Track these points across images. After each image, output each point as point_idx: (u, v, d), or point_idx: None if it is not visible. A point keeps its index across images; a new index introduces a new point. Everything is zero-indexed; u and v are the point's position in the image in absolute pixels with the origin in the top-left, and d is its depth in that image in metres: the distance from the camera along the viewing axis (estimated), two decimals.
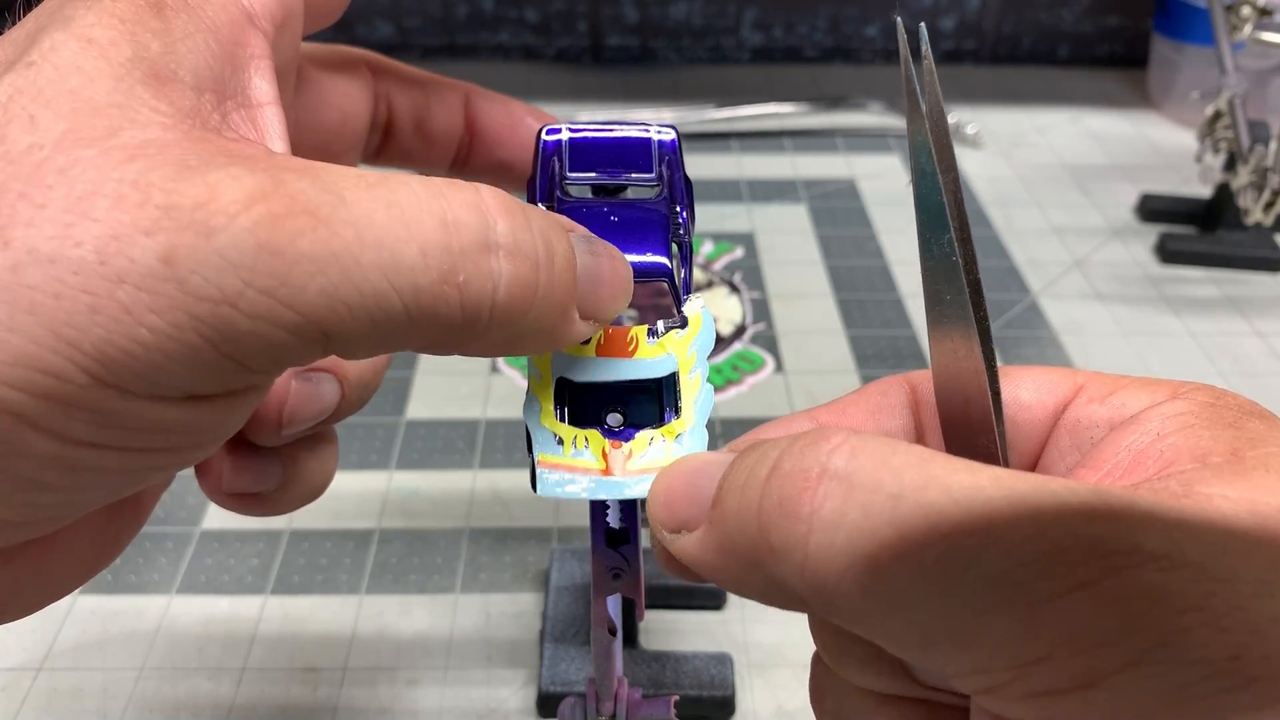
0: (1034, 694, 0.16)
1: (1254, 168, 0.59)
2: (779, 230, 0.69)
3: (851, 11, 0.91)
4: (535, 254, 0.20)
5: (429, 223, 0.19)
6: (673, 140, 0.25)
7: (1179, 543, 0.16)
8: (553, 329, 0.21)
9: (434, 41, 0.91)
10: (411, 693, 0.39)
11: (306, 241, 0.17)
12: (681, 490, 0.20)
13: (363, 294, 0.18)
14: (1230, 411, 0.20)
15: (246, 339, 0.17)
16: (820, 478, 0.18)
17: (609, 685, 0.29)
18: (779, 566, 0.18)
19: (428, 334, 0.19)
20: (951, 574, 0.16)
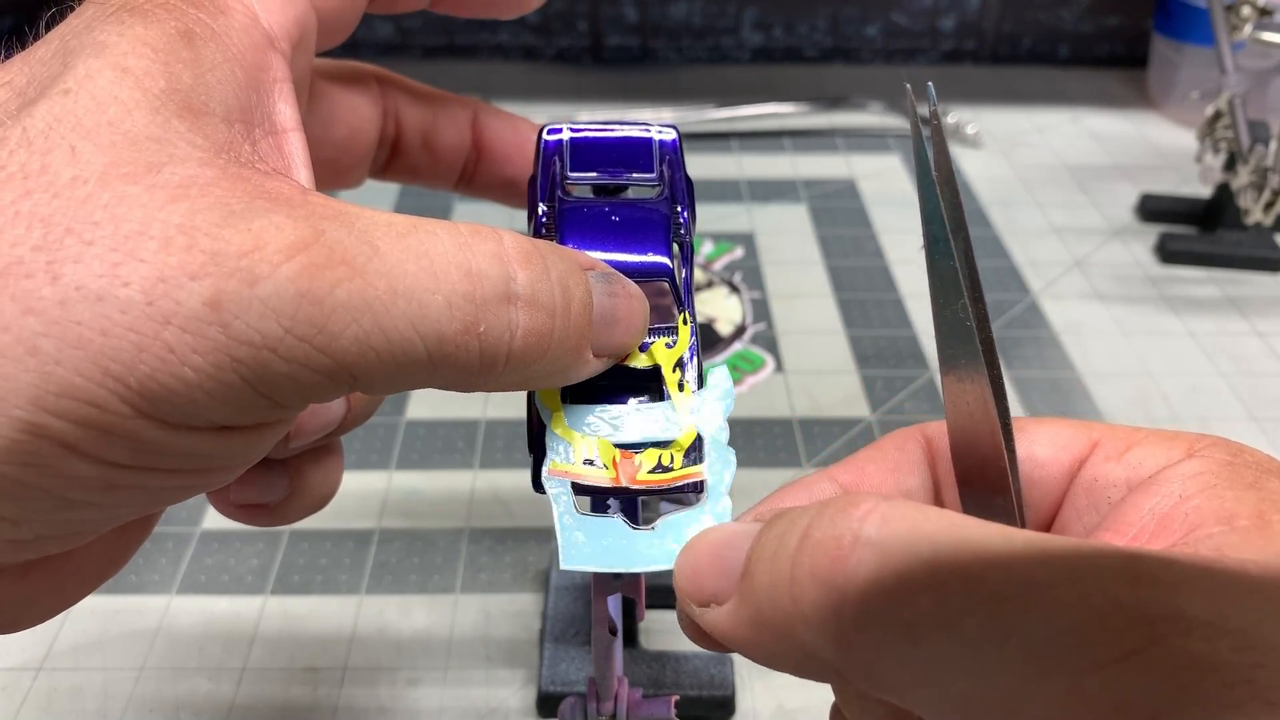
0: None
1: (1254, 168, 0.59)
2: (779, 230, 0.69)
3: (851, 11, 0.91)
4: (553, 303, 0.21)
5: (455, 274, 0.19)
6: (674, 140, 0.25)
7: (1221, 608, 0.16)
8: (566, 369, 0.22)
9: (434, 41, 0.91)
10: (411, 692, 0.39)
11: (344, 291, 0.18)
12: (708, 563, 0.20)
13: (390, 341, 0.19)
14: (1250, 470, 0.20)
15: (282, 381, 0.18)
16: (853, 545, 0.17)
17: (609, 685, 0.29)
18: (813, 637, 0.18)
19: (446, 377, 0.20)
20: (993, 642, 0.16)
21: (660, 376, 0.24)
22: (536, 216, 0.25)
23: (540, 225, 0.24)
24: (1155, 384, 0.55)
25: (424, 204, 0.71)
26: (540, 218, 0.25)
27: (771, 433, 0.51)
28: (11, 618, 0.22)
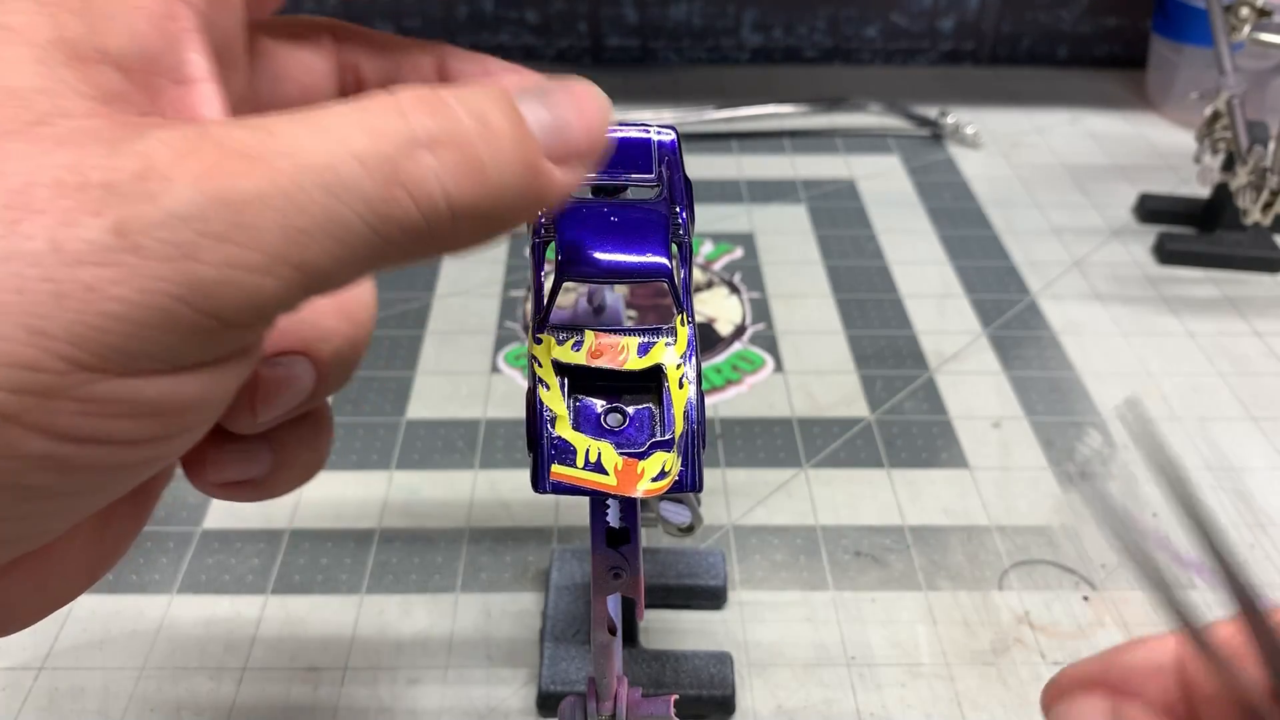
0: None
1: (1252, 168, 0.59)
2: (779, 230, 0.69)
3: (851, 12, 0.91)
4: (467, 132, 0.20)
5: (356, 133, 0.19)
6: (672, 141, 0.25)
7: None
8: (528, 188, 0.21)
9: None
10: (412, 692, 0.39)
11: (249, 181, 0.17)
12: None
13: (316, 218, 0.18)
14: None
15: (217, 290, 0.17)
16: None
17: (608, 684, 0.29)
18: None
19: (400, 244, 0.19)
20: None
21: (659, 377, 0.24)
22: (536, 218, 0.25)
23: (539, 226, 0.25)
24: (1154, 384, 0.56)
25: None
26: (539, 219, 0.25)
27: (771, 433, 0.52)
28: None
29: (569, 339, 0.24)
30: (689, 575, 0.42)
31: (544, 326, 0.24)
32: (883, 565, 0.45)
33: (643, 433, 0.23)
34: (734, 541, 0.46)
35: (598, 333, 0.24)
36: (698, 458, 0.23)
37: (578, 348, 0.23)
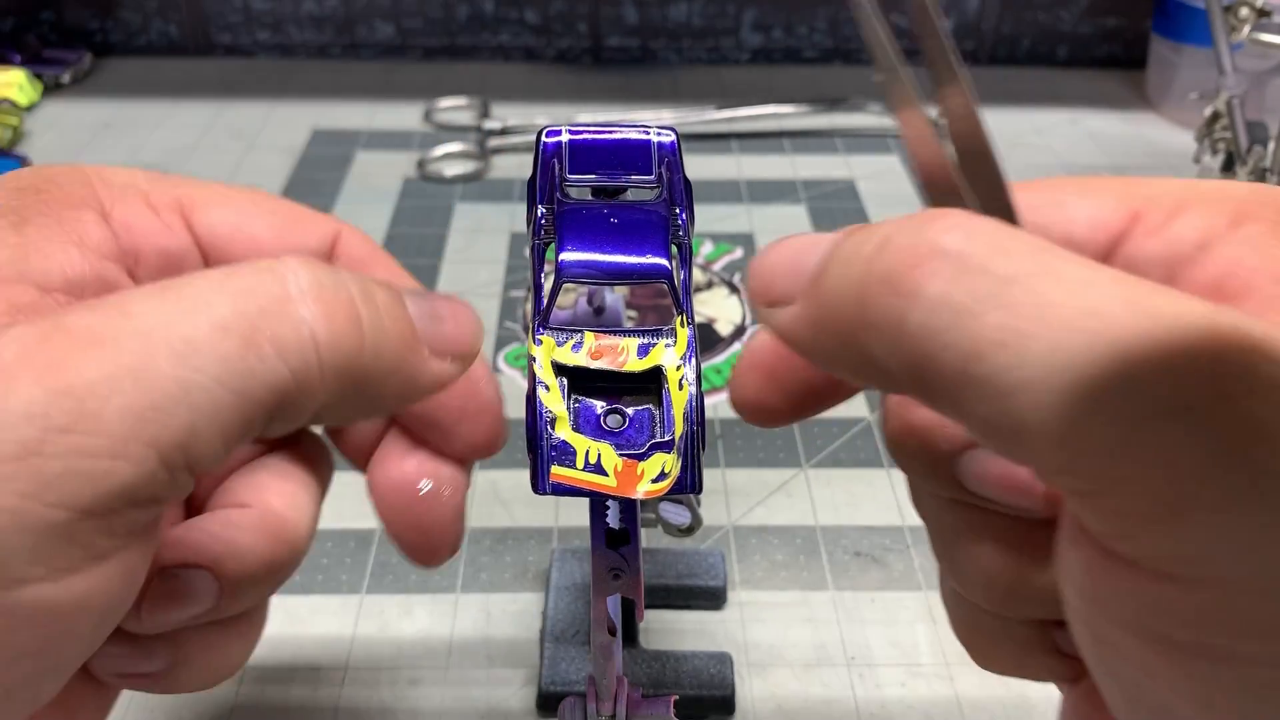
0: (1111, 512, 0.16)
1: (1252, 169, 0.59)
2: (779, 231, 0.69)
3: (851, 13, 0.91)
4: (348, 292, 0.20)
5: (219, 298, 0.19)
6: (672, 142, 0.25)
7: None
8: (405, 366, 0.21)
9: (434, 43, 0.92)
10: (412, 692, 0.39)
11: (92, 368, 0.17)
12: (784, 264, 0.20)
13: (168, 392, 0.18)
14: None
15: (63, 482, 0.17)
16: (930, 255, 0.17)
17: (608, 685, 0.29)
18: (874, 343, 0.17)
19: (266, 404, 0.19)
20: (1053, 368, 0.15)
21: (658, 378, 0.24)
22: (535, 219, 0.25)
23: (539, 227, 0.25)
24: None
25: (426, 204, 0.71)
26: (539, 220, 0.25)
27: (771, 433, 0.52)
28: None
29: (568, 340, 0.24)
30: (689, 575, 0.42)
31: (544, 327, 0.24)
32: (883, 565, 0.45)
33: (642, 434, 0.23)
34: (734, 542, 0.46)
35: (597, 334, 0.24)
36: (697, 459, 0.23)
37: (577, 349, 0.24)
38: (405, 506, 0.26)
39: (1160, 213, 0.21)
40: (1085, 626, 0.18)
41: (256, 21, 0.91)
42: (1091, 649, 0.18)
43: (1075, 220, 0.22)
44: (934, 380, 0.17)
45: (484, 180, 0.74)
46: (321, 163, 0.76)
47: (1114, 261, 0.22)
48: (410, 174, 0.74)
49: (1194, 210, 0.21)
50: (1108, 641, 0.17)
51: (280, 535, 0.26)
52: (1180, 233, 0.21)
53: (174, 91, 0.85)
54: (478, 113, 0.81)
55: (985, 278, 0.16)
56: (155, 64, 0.90)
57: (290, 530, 0.26)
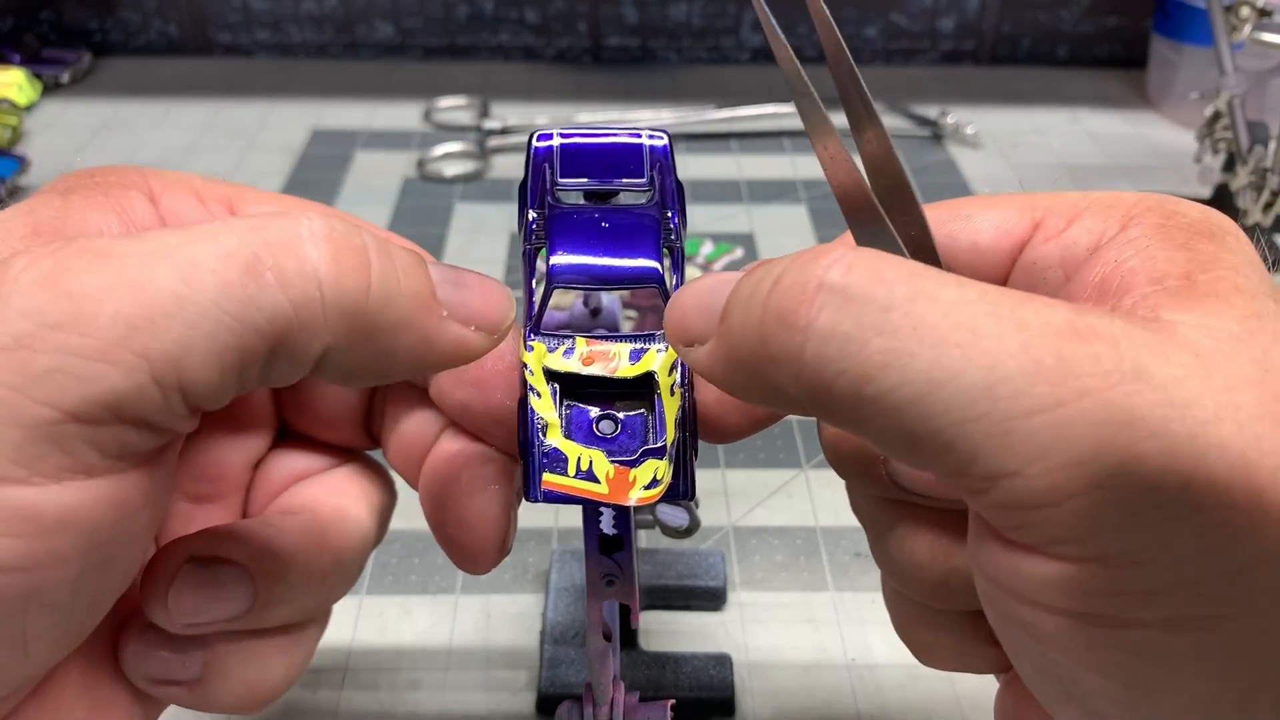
0: (1005, 505, 0.17)
1: (1253, 168, 0.59)
2: (779, 231, 0.69)
3: (851, 12, 0.91)
4: (360, 240, 0.20)
5: (228, 231, 0.19)
6: (664, 145, 0.25)
7: (1148, 366, 0.17)
8: (418, 324, 0.21)
9: (434, 42, 0.91)
10: (412, 694, 0.39)
11: (94, 275, 0.18)
12: (694, 305, 0.21)
13: (164, 304, 0.18)
14: (1181, 232, 0.20)
15: (51, 377, 0.17)
16: (817, 290, 0.18)
17: (604, 690, 0.29)
18: (778, 375, 0.19)
19: (264, 333, 0.19)
20: (934, 383, 0.17)
21: (650, 384, 0.24)
22: (527, 223, 0.25)
23: (530, 232, 0.25)
24: None
25: (425, 204, 0.71)
26: (530, 224, 0.25)
27: (770, 433, 0.51)
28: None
29: (559, 346, 0.24)
30: (688, 576, 0.42)
31: (535, 333, 0.24)
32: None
33: (635, 440, 0.23)
34: (734, 542, 0.46)
35: (589, 339, 0.24)
36: (690, 465, 0.23)
37: (569, 355, 0.23)
38: (450, 498, 0.26)
39: (1059, 220, 0.23)
40: (994, 609, 0.20)
41: (256, 21, 0.90)
42: (1003, 630, 0.20)
43: (981, 230, 0.23)
44: (834, 404, 0.18)
45: (484, 180, 0.74)
46: (321, 162, 0.76)
47: (1016, 267, 0.23)
48: (410, 174, 0.74)
49: (1089, 216, 0.22)
50: (1015, 620, 0.19)
51: (324, 543, 0.25)
52: (1076, 237, 0.22)
53: (173, 91, 0.85)
54: (477, 112, 0.81)
55: (867, 307, 0.18)
56: (154, 64, 0.90)
57: (335, 541, 0.26)
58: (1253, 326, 0.18)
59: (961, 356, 0.17)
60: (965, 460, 0.17)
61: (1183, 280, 0.19)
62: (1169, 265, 0.20)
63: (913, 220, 0.23)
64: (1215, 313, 0.18)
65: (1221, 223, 0.21)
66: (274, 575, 0.24)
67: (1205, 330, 0.18)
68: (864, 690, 0.40)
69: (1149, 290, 0.19)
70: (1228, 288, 0.19)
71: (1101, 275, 0.21)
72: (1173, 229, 0.21)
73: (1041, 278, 0.22)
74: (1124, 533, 0.17)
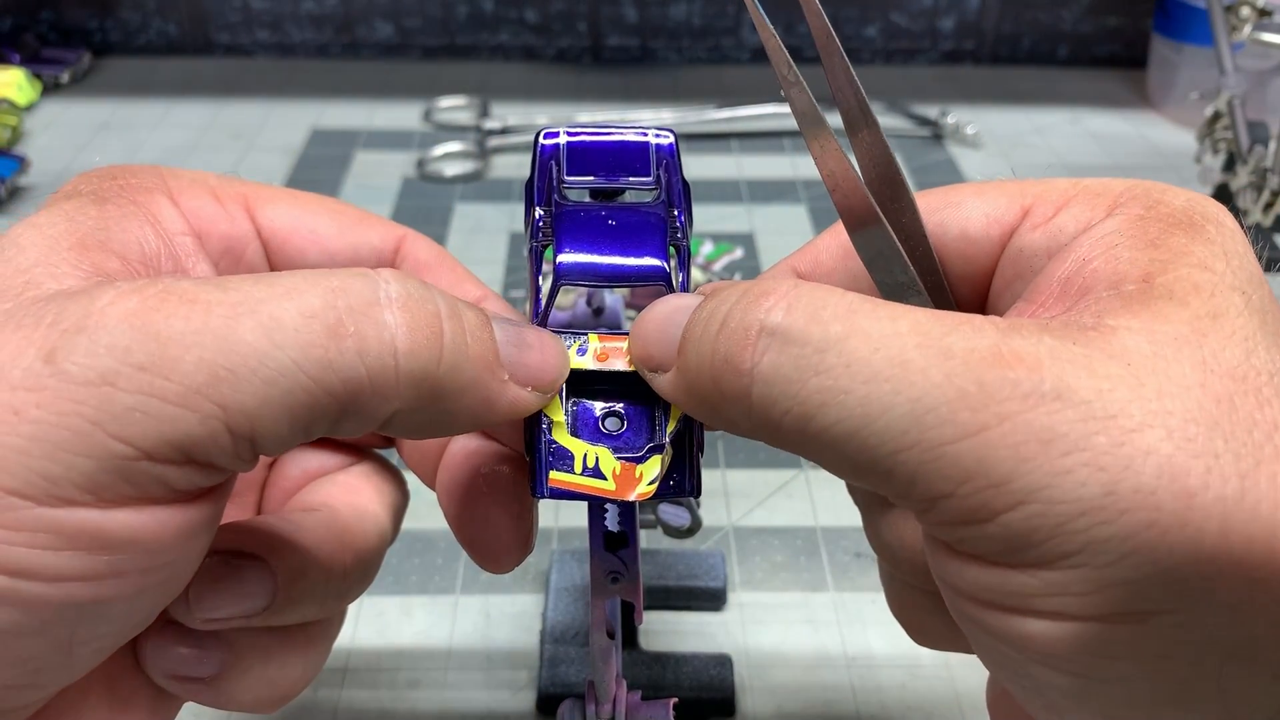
0: (943, 522, 0.19)
1: (1253, 168, 0.59)
2: (779, 231, 0.69)
3: (851, 12, 0.91)
4: (435, 306, 0.21)
5: (312, 289, 0.19)
6: (670, 144, 0.25)
7: (1071, 383, 0.17)
8: (482, 386, 0.21)
9: (434, 42, 0.91)
10: (411, 694, 0.39)
11: (180, 320, 0.18)
12: (654, 335, 0.22)
13: (245, 357, 0.18)
14: (1157, 225, 0.21)
15: (130, 415, 0.18)
16: (759, 334, 0.19)
17: (607, 688, 0.29)
18: (730, 412, 0.20)
19: (338, 395, 0.19)
20: (868, 417, 0.18)
21: None
22: (533, 221, 0.25)
23: (537, 229, 0.24)
24: None
25: (425, 203, 0.71)
26: (537, 222, 0.25)
27: None
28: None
29: (573, 344, 0.24)
30: (689, 577, 0.42)
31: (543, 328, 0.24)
32: None
33: (640, 436, 0.23)
34: (734, 543, 0.46)
35: (601, 335, 0.24)
36: (696, 462, 0.23)
37: (583, 353, 0.23)
38: (468, 495, 0.26)
39: (1048, 207, 0.23)
40: (952, 608, 0.21)
41: (256, 21, 0.90)
42: (964, 628, 0.21)
43: (971, 218, 0.24)
44: (783, 439, 0.20)
45: (484, 180, 0.74)
46: (321, 162, 0.76)
47: (1004, 254, 0.23)
48: (410, 173, 0.74)
49: (1076, 204, 0.22)
50: (968, 619, 0.20)
51: (344, 540, 0.26)
52: (1063, 225, 0.22)
53: (173, 91, 0.85)
54: (477, 112, 0.81)
55: (805, 348, 0.19)
56: (154, 63, 0.90)
57: (355, 539, 0.26)
58: (1204, 327, 0.18)
59: (891, 390, 0.18)
60: (905, 485, 0.18)
61: (1140, 284, 0.19)
62: (1130, 267, 0.20)
63: (904, 207, 0.23)
64: (1163, 316, 0.19)
65: (1205, 210, 0.21)
66: (295, 572, 0.24)
67: (1147, 335, 0.18)
68: (864, 690, 0.40)
69: (1105, 294, 0.20)
70: (1185, 288, 0.19)
71: (1067, 274, 0.21)
72: (1149, 221, 0.21)
73: (1029, 265, 0.23)
74: (1054, 540, 0.17)
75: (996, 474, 0.17)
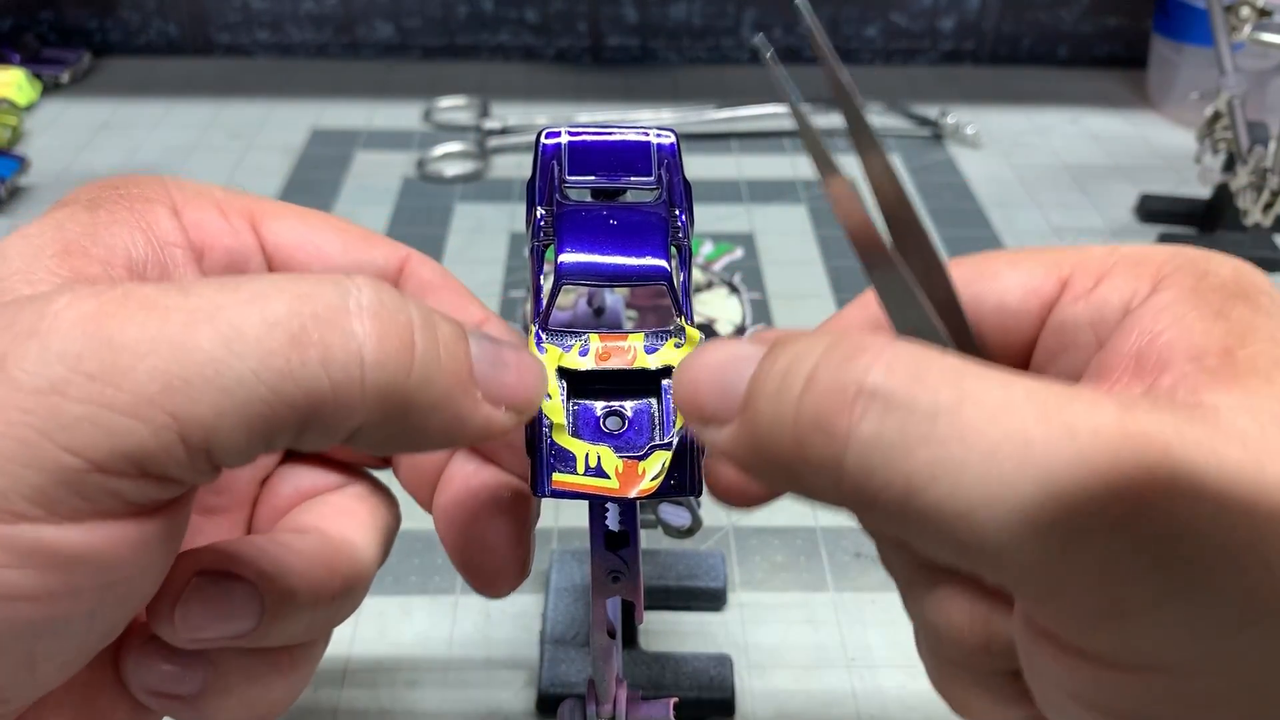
0: (1061, 616, 0.17)
1: (1253, 168, 0.59)
2: (779, 231, 0.69)
3: (851, 11, 0.91)
4: (407, 317, 0.20)
5: (278, 296, 0.19)
6: (672, 144, 0.25)
7: (1202, 471, 0.16)
8: (453, 404, 0.20)
9: (434, 42, 0.91)
10: (411, 694, 0.39)
11: (136, 327, 0.18)
12: (709, 384, 0.20)
13: (202, 367, 0.18)
14: (1216, 295, 0.20)
15: (79, 426, 0.17)
16: (857, 396, 0.17)
17: (607, 687, 0.29)
18: (815, 479, 0.18)
19: (299, 408, 0.18)
20: (986, 496, 0.16)
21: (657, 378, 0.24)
22: (534, 220, 0.25)
23: (538, 229, 0.24)
24: None
25: (425, 203, 0.71)
26: (538, 221, 0.25)
27: None
28: None
29: (574, 344, 0.23)
30: (689, 577, 0.42)
31: (544, 331, 0.24)
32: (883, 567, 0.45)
33: (642, 435, 0.23)
34: (734, 543, 0.46)
35: (602, 335, 0.24)
36: (697, 462, 0.23)
37: (584, 353, 0.23)
38: (467, 520, 0.25)
39: (1088, 278, 0.22)
40: (1043, 700, 0.19)
41: (255, 21, 0.90)
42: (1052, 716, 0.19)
43: (1008, 290, 0.23)
44: (879, 513, 0.18)
45: (484, 180, 0.74)
46: (320, 162, 0.76)
47: (1045, 327, 0.23)
48: (410, 174, 0.74)
49: (1118, 275, 0.22)
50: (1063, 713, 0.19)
51: (333, 565, 0.25)
52: (1106, 297, 0.22)
53: (173, 91, 0.85)
54: (477, 112, 0.81)
55: (911, 414, 0.17)
56: (154, 63, 0.90)
57: (344, 563, 0.25)
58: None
59: (1014, 469, 0.16)
60: (1023, 573, 0.17)
61: (1222, 357, 0.19)
62: (1206, 339, 0.19)
63: (937, 283, 0.22)
64: (1255, 391, 0.18)
65: (1255, 281, 0.20)
66: (283, 595, 0.24)
67: (1249, 414, 0.17)
68: (864, 690, 0.40)
69: (1188, 369, 0.19)
70: (1268, 363, 0.18)
71: (1138, 347, 0.20)
72: (1206, 292, 0.20)
73: (1073, 340, 0.22)
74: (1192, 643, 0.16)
75: (1133, 570, 0.16)
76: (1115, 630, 0.17)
